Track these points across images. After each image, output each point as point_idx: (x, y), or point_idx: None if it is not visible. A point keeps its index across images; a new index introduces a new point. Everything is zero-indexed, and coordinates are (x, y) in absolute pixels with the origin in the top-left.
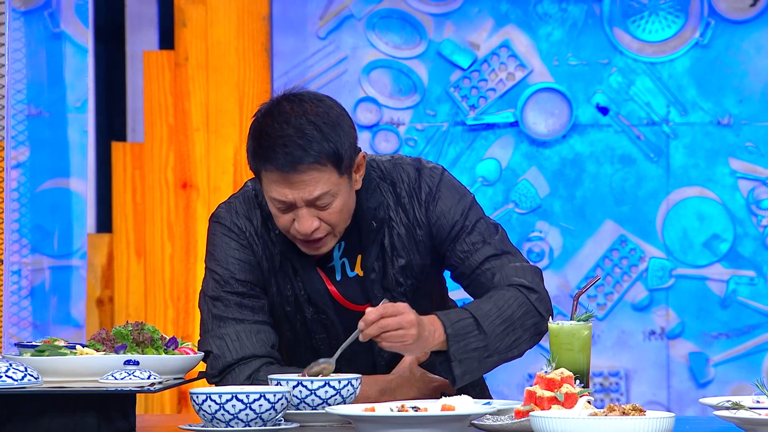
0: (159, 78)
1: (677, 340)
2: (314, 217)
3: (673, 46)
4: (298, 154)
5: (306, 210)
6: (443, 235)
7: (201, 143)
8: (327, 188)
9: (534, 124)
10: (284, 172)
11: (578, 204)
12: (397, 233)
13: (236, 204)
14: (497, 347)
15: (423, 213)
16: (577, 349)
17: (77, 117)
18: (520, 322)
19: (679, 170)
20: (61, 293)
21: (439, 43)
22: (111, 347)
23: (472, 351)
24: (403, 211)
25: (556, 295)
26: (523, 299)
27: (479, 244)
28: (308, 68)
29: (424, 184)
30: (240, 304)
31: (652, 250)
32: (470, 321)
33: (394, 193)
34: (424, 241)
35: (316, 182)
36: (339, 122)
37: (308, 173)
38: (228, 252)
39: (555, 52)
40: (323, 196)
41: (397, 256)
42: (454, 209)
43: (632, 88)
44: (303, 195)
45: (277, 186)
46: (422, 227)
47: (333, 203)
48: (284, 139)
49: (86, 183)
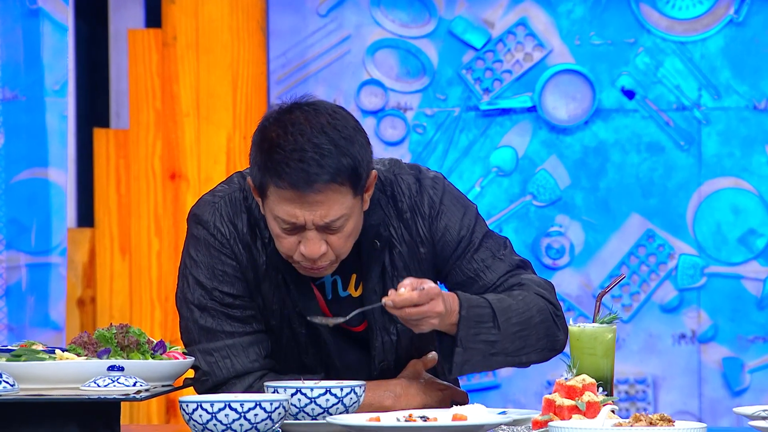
0: (145, 59)
1: (710, 345)
2: (322, 241)
3: (705, 23)
4: (315, 171)
5: (314, 233)
6: (448, 251)
7: (191, 130)
8: (342, 211)
9: (553, 109)
10: (298, 190)
11: (602, 196)
12: (399, 252)
13: (221, 205)
14: (506, 347)
15: (426, 228)
16: (600, 353)
17: (56, 101)
18: (535, 330)
19: (711, 159)
20: (38, 293)
21: (450, 20)
22: (93, 352)
23: (480, 342)
24: (404, 227)
25: (577, 295)
26: (545, 309)
27: (490, 260)
28: (308, 48)
29: (426, 197)
30: (228, 315)
31: (683, 246)
32: (488, 311)
33: (395, 207)
34: (427, 259)
35: (332, 203)
36: (356, 137)
37: (324, 193)
38: (211, 262)
39: (576, 30)
40: (337, 219)
41: (398, 276)
42: (459, 224)
43: (661, 70)
44: (315, 218)
45: (286, 205)
46: (425, 244)
47: (344, 227)
48: (300, 154)
49: (66, 173)
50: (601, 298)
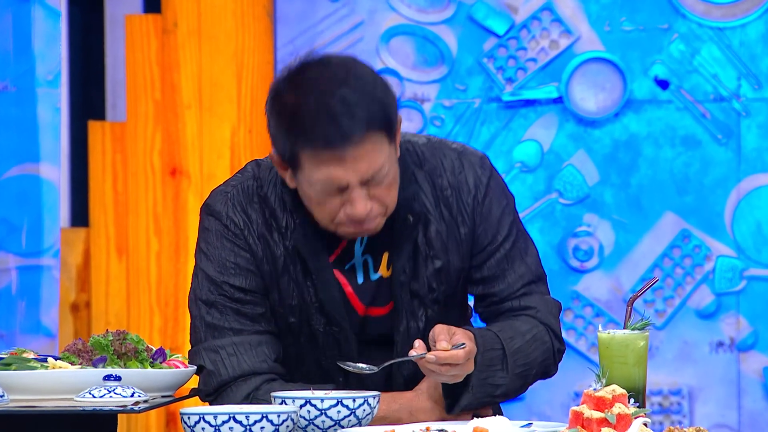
0: (144, 47)
1: (749, 353)
2: (367, 198)
3: (745, 8)
4: (348, 125)
5: (358, 191)
6: (484, 240)
7: (192, 123)
8: (382, 160)
9: (581, 100)
10: (335, 149)
11: (633, 193)
12: (436, 230)
13: (234, 194)
14: (509, 388)
15: (469, 208)
16: (631, 362)
17: (48, 92)
18: (534, 370)
19: (751, 154)
20: (30, 297)
21: (470, 5)
22: (88, 360)
23: (488, 385)
24: (444, 205)
25: (607, 299)
26: (548, 347)
27: (518, 263)
28: (317, 35)
29: (472, 176)
30: (237, 311)
31: (720, 248)
32: (499, 353)
33: (433, 183)
34: (466, 241)
35: (372, 155)
36: (377, 82)
37: (362, 145)
38: (223, 254)
39: (606, 15)
40: (380, 170)
41: (433, 257)
42: (501, 212)
43: (697, 58)
44: (357, 174)
45: (325, 168)
46: (466, 224)
47: (386, 177)
48: (327, 110)
49: (59, 169)
50: (633, 303)
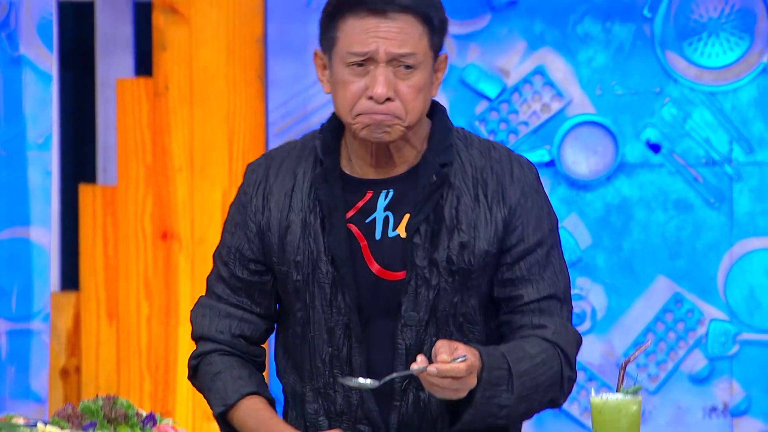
0: (135, 110)
1: (743, 418)
2: (390, 85)
3: (736, 72)
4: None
5: (383, 69)
6: (518, 235)
7: (184, 186)
8: (414, 47)
9: (573, 163)
10: (374, 10)
11: (625, 257)
12: (466, 205)
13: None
14: (513, 411)
15: (510, 197)
16: (624, 427)
17: (39, 155)
18: (540, 396)
19: (744, 218)
20: (19, 362)
21: (462, 68)
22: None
23: (493, 405)
24: (481, 186)
25: (600, 363)
26: (556, 371)
27: (550, 273)
28: (310, 98)
29: (518, 170)
30: (229, 276)
31: (713, 312)
32: (504, 373)
33: (474, 165)
34: (497, 227)
35: (406, 35)
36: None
37: (400, 20)
38: (236, 217)
39: (598, 79)
40: (409, 55)
41: (458, 229)
42: (541, 217)
43: (689, 122)
44: (388, 45)
45: (360, 35)
46: (502, 211)
47: (414, 75)
48: None
49: (49, 233)
50: (625, 367)
